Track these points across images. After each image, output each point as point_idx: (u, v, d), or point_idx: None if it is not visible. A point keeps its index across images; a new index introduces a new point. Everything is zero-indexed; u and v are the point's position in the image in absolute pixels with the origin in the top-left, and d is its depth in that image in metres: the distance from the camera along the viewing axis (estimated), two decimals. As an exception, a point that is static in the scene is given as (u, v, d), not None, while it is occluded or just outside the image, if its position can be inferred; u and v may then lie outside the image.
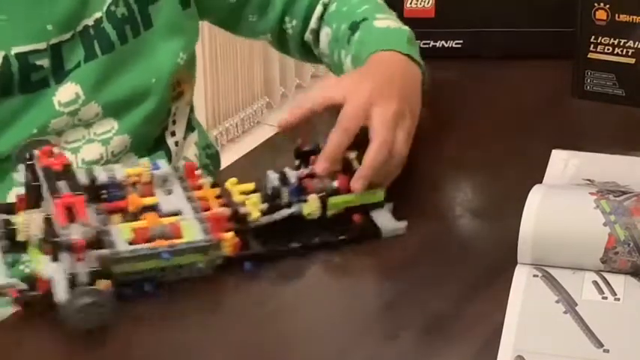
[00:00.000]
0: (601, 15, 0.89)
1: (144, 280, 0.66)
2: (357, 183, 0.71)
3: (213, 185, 0.72)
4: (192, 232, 0.66)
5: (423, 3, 0.99)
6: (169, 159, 0.85)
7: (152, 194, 0.69)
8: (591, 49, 0.91)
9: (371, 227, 0.72)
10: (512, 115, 0.91)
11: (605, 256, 0.67)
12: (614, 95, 0.92)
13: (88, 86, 0.79)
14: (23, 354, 0.63)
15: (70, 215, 0.62)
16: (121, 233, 0.65)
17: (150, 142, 0.84)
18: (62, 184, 0.65)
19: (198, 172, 0.72)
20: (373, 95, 0.73)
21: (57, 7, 0.77)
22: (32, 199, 0.66)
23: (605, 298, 0.66)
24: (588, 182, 0.77)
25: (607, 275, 0.68)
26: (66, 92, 0.78)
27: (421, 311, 0.68)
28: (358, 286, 0.71)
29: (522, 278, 0.68)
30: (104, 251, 0.63)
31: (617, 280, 0.67)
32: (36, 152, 0.67)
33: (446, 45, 1.00)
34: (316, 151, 0.73)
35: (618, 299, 0.66)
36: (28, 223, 0.64)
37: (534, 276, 0.68)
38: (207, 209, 0.68)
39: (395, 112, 0.73)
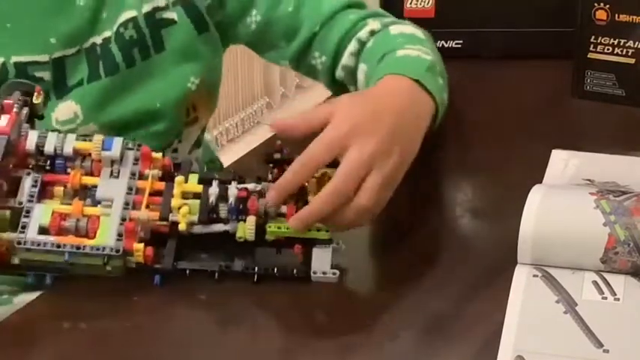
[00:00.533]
0: (601, 15, 0.89)
1: (47, 270, 0.67)
2: (293, 221, 0.66)
3: (165, 179, 0.69)
4: (106, 233, 0.66)
5: (423, 3, 0.99)
6: None
7: (98, 173, 0.68)
8: (591, 49, 0.91)
9: (302, 268, 0.68)
10: (512, 116, 0.91)
11: (605, 256, 0.67)
12: (614, 95, 0.92)
13: (88, 108, 0.79)
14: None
15: None
16: (41, 215, 0.65)
17: None
18: None
19: (156, 155, 0.70)
20: (355, 129, 0.67)
21: (64, 21, 0.77)
22: None
23: (605, 298, 0.66)
24: (588, 182, 0.77)
25: (607, 275, 0.67)
26: (65, 110, 0.78)
27: (421, 311, 0.67)
28: (357, 286, 0.71)
29: (522, 278, 0.68)
30: (10, 235, 0.64)
31: (617, 281, 0.67)
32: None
33: (446, 45, 0.99)
34: (288, 161, 0.70)
35: (618, 299, 0.66)
36: None
37: (534, 276, 0.68)
38: (141, 203, 0.68)
39: (372, 153, 0.66)
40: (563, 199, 0.71)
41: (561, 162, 0.81)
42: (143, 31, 0.80)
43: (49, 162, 0.68)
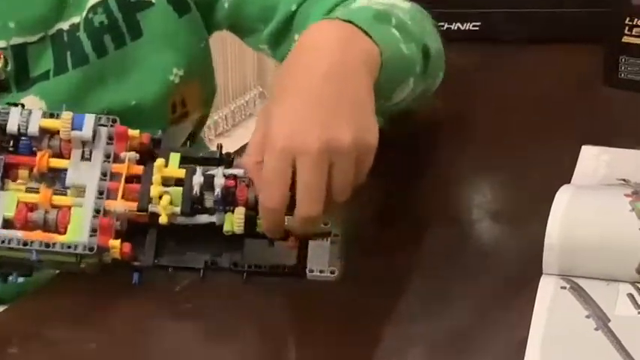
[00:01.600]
0: None
1: (15, 268, 0.66)
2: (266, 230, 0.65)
3: (140, 159, 0.68)
4: (78, 228, 0.64)
5: (436, -19, 0.98)
6: None
7: (68, 154, 0.66)
8: (626, 32, 0.90)
9: (296, 264, 0.67)
10: (537, 107, 0.89)
11: None
12: None
13: (54, 105, 0.76)
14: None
15: None
16: (5, 204, 0.64)
17: None
18: None
19: (133, 132, 0.68)
20: (293, 129, 0.63)
21: (25, 4, 0.76)
22: None
23: None
24: (622, 182, 0.75)
25: None
26: (27, 105, 0.75)
27: (433, 326, 0.66)
28: (361, 292, 0.69)
29: (548, 290, 0.66)
30: None
31: None
32: None
33: (462, 27, 0.99)
34: None
35: None
36: None
37: (562, 288, 0.67)
38: (117, 191, 0.66)
39: (322, 148, 0.62)
40: (594, 201, 0.70)
41: (592, 159, 0.80)
42: (115, 16, 0.78)
43: (12, 142, 0.66)
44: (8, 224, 0.64)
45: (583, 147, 0.80)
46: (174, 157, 0.67)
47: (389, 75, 0.69)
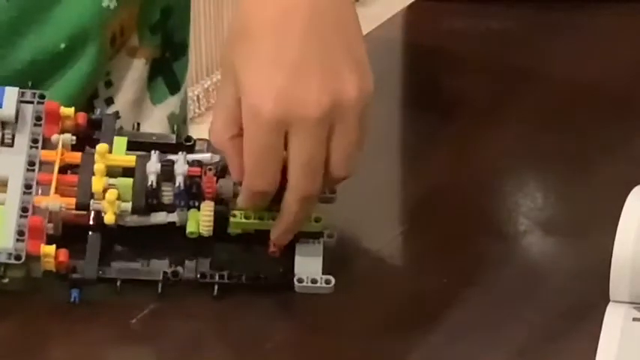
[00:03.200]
0: None
1: None
2: (273, 235, 0.62)
3: (78, 145, 0.64)
4: (1, 231, 0.60)
5: None
6: None
7: None
8: None
9: (280, 273, 0.63)
10: (604, 87, 0.83)
11: None
12: None
13: None
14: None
15: None
16: None
17: None
18: None
19: (67, 110, 0.64)
20: (282, 94, 0.58)
21: None
22: None
23: None
24: None
25: None
26: None
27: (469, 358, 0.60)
28: (366, 307, 0.64)
29: (617, 322, 0.62)
30: None
31: None
32: None
33: None
34: None
35: None
36: None
37: (635, 320, 0.62)
38: (49, 184, 0.61)
39: (322, 114, 0.58)
40: None
41: None
42: None
43: None
44: None
45: None
46: (120, 142, 0.63)
47: None
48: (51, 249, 0.59)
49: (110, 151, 0.62)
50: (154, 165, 0.61)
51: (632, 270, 0.61)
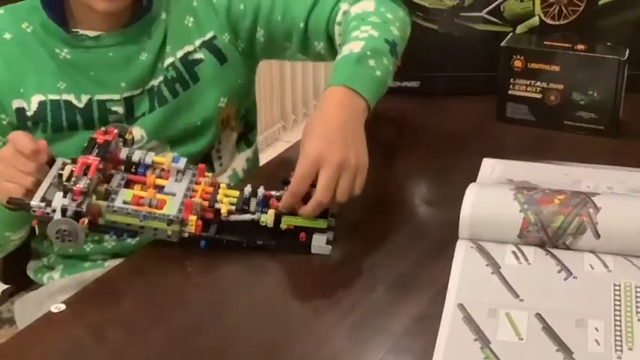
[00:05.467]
0: (518, 64, 0.91)
1: (125, 231, 0.67)
2: (304, 210, 0.68)
3: (211, 184, 0.71)
4: (170, 208, 0.67)
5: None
6: (212, 170, 0.84)
7: (167, 178, 0.70)
8: (510, 87, 0.92)
9: (303, 245, 0.69)
10: (456, 135, 0.90)
11: (520, 234, 0.67)
12: (527, 120, 0.93)
13: (150, 131, 0.80)
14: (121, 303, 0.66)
15: (85, 171, 0.64)
16: (124, 195, 0.67)
17: (198, 161, 0.81)
18: (95, 151, 0.66)
19: (208, 173, 0.72)
20: (321, 150, 0.67)
21: (131, 71, 0.79)
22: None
23: (521, 263, 0.66)
24: (509, 181, 0.77)
25: (522, 247, 0.68)
26: (134, 134, 0.78)
27: (391, 272, 0.68)
28: (345, 257, 0.70)
29: (462, 249, 0.68)
30: (103, 203, 0.65)
31: (529, 250, 0.68)
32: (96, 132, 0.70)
33: (408, 85, 0.98)
34: None
35: (530, 264, 0.66)
36: (67, 172, 0.66)
37: (471, 247, 0.68)
38: (193, 197, 0.69)
39: (338, 163, 0.67)
40: (491, 193, 0.71)
41: (489, 167, 0.81)
42: (180, 70, 0.81)
43: (133, 168, 0.70)
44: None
45: (484, 159, 0.82)
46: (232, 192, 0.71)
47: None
48: (194, 217, 0.67)
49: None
50: (248, 189, 0.70)
51: (470, 223, 0.69)
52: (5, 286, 0.92)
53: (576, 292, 0.63)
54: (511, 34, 0.94)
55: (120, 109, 0.79)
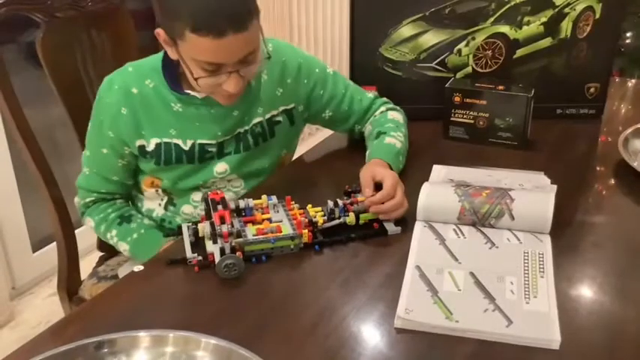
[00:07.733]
0: (457, 99, 0.92)
1: (262, 254, 0.67)
2: (372, 209, 0.71)
3: (300, 208, 0.72)
4: (286, 229, 0.68)
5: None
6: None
7: (267, 212, 0.72)
8: (452, 115, 0.94)
9: (382, 230, 0.70)
10: (415, 148, 0.88)
11: (459, 217, 0.70)
12: (463, 138, 0.94)
13: (233, 167, 0.81)
14: (199, 289, 0.64)
15: (222, 220, 0.66)
16: (250, 231, 0.68)
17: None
18: (219, 207, 0.68)
19: (292, 203, 0.73)
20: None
21: (225, 123, 0.79)
22: (207, 215, 0.71)
23: (459, 237, 0.68)
24: (451, 181, 0.78)
25: (460, 226, 0.70)
26: (221, 167, 0.79)
27: (370, 243, 0.69)
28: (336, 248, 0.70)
29: (419, 228, 0.71)
30: (240, 239, 0.66)
31: (465, 229, 0.70)
32: (209, 193, 0.71)
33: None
34: (356, 191, 0.74)
35: (465, 238, 0.68)
36: (204, 227, 0.68)
37: (424, 226, 0.71)
38: (295, 219, 0.70)
39: (394, 184, 0.71)
40: (439, 189, 0.73)
41: (438, 171, 0.83)
42: (265, 127, 0.82)
43: (243, 212, 0.72)
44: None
45: (434, 165, 0.84)
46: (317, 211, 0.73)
47: (397, 171, 0.80)
48: (305, 231, 0.68)
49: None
50: (330, 202, 0.71)
51: (424, 209, 0.71)
52: (101, 253, 0.94)
53: (498, 257, 0.66)
54: (453, 78, 0.97)
55: (214, 150, 0.80)
